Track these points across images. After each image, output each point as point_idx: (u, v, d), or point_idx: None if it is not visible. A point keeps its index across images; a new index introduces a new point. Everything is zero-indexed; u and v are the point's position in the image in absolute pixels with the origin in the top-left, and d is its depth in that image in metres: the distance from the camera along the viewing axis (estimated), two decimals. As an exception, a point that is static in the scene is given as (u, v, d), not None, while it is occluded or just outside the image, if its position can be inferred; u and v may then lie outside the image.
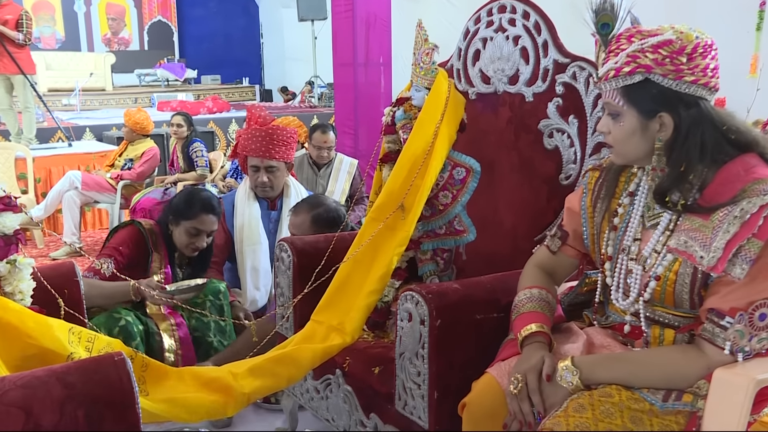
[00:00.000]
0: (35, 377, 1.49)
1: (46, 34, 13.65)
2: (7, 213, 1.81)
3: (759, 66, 5.46)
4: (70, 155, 7.08)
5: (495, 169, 2.50)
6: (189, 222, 3.08)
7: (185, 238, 3.11)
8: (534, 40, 2.32)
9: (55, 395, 1.45)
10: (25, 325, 1.74)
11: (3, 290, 1.83)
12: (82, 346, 1.80)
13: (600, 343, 1.73)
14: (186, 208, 3.12)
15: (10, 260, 1.84)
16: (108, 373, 1.52)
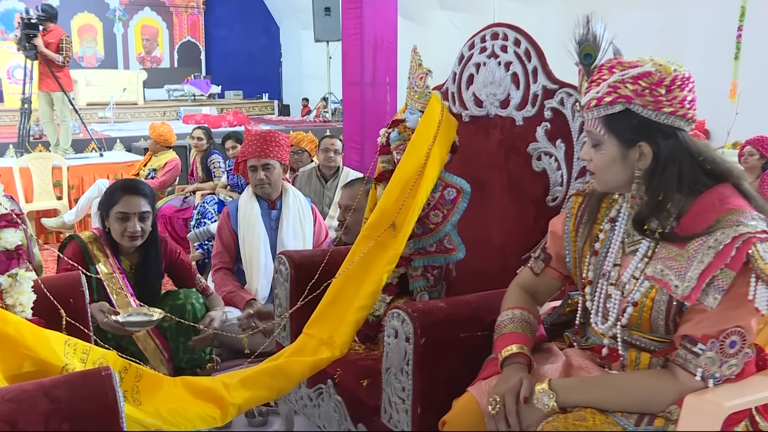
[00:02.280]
0: (23, 391, 1.42)
1: (88, 54, 13.73)
2: (8, 229, 1.74)
3: (737, 92, 5.39)
4: (101, 164, 7.07)
5: (486, 189, 2.41)
6: (114, 208, 2.77)
7: (116, 227, 2.77)
8: (524, 66, 2.23)
9: (40, 409, 1.39)
10: (23, 336, 1.67)
11: (4, 303, 1.75)
12: (77, 357, 1.73)
13: (578, 365, 1.63)
14: (109, 196, 2.83)
15: (12, 274, 1.76)
16: (94, 387, 1.44)
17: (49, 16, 7.40)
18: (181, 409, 1.81)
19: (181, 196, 6.10)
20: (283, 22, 14.99)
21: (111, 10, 13.81)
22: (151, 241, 2.87)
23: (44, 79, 7.33)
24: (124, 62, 14.01)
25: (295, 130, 8.06)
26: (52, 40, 7.28)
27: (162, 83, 13.22)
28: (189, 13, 14.64)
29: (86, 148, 7.91)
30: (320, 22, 10.24)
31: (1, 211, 1.72)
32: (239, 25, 14.72)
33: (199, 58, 14.81)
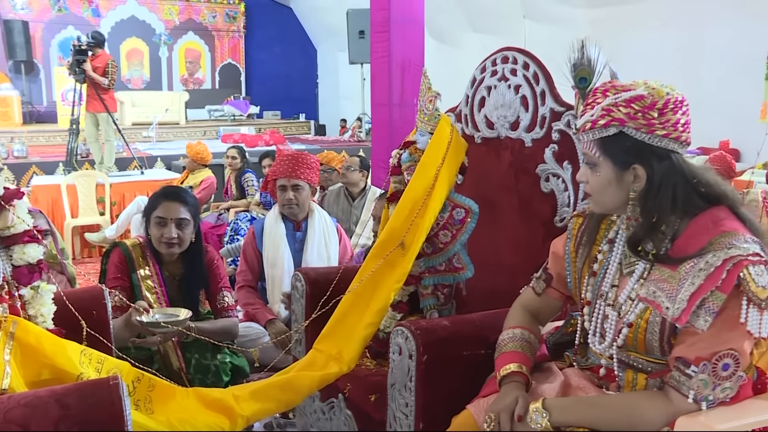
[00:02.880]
0: (36, 397, 1.47)
1: (135, 76, 14.07)
2: (31, 244, 1.79)
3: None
4: (141, 182, 7.19)
5: (497, 209, 2.40)
6: (154, 213, 2.67)
7: (154, 232, 2.67)
8: (533, 89, 2.22)
9: (51, 415, 1.43)
10: (42, 346, 1.71)
11: (27, 313, 1.80)
12: (92, 366, 1.76)
13: (576, 385, 1.61)
14: (151, 201, 2.74)
15: (34, 286, 1.81)
16: (102, 396, 1.48)
17: (97, 43, 7.64)
18: (191, 418, 1.83)
19: (215, 213, 6.19)
20: (320, 45, 15.17)
21: (157, 35, 14.14)
22: (195, 252, 2.75)
23: (91, 101, 7.56)
24: (168, 84, 14.31)
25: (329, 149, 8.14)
26: (100, 64, 7.51)
27: (203, 104, 13.46)
28: (230, 36, 14.91)
29: (129, 166, 8.08)
30: (355, 45, 10.31)
31: (24, 228, 1.76)
32: (278, 47, 14.93)
33: (239, 79, 15.05)
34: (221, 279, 2.84)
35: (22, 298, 1.79)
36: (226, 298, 2.82)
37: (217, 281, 2.83)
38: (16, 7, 12.68)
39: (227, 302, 2.81)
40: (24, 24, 12.41)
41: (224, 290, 2.82)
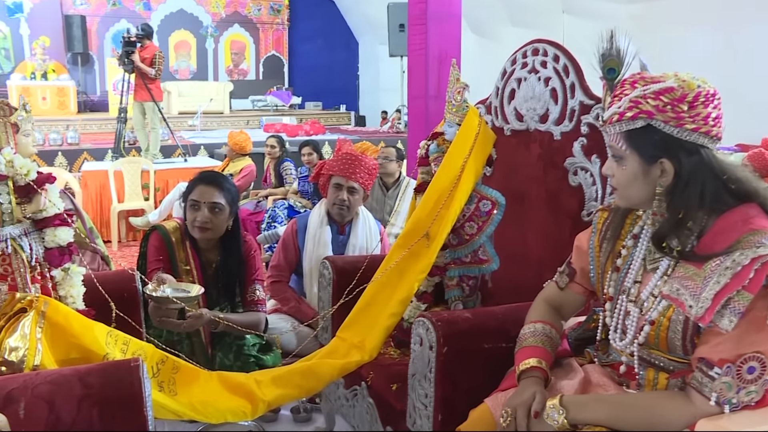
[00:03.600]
0: (61, 375, 1.48)
1: (182, 67, 14.20)
2: (62, 227, 1.79)
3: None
4: (184, 169, 7.25)
5: (525, 202, 2.34)
6: (190, 196, 2.61)
7: (188, 215, 2.60)
8: (563, 81, 2.15)
9: (75, 393, 1.45)
10: (71, 326, 1.72)
11: (58, 294, 1.80)
12: (118, 347, 1.76)
13: (596, 382, 1.55)
14: (189, 185, 2.67)
15: (64, 268, 1.81)
16: (122, 376, 1.48)
17: (146, 34, 7.74)
18: (213, 401, 1.82)
19: (254, 201, 6.21)
20: (361, 37, 15.11)
21: (204, 27, 14.25)
22: (231, 239, 2.68)
23: (138, 91, 7.66)
24: (214, 74, 14.42)
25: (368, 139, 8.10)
26: (147, 55, 7.60)
27: (247, 94, 13.52)
28: (274, 29, 14.95)
29: (173, 153, 8.15)
30: (394, 38, 10.23)
31: (55, 211, 1.77)
32: (321, 40, 14.92)
33: (282, 71, 15.08)
34: (256, 271, 2.77)
35: (53, 279, 1.80)
36: (257, 292, 2.75)
37: (252, 272, 2.75)
38: (75, 2, 12.94)
39: (258, 296, 2.74)
40: (82, 18, 12.65)
41: (257, 283, 2.75)
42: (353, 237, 3.40)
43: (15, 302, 1.64)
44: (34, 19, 12.44)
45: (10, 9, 12.29)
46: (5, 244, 1.71)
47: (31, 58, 11.90)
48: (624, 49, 1.56)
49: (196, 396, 1.81)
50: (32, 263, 1.75)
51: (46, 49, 11.80)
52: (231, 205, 2.63)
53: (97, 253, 3.20)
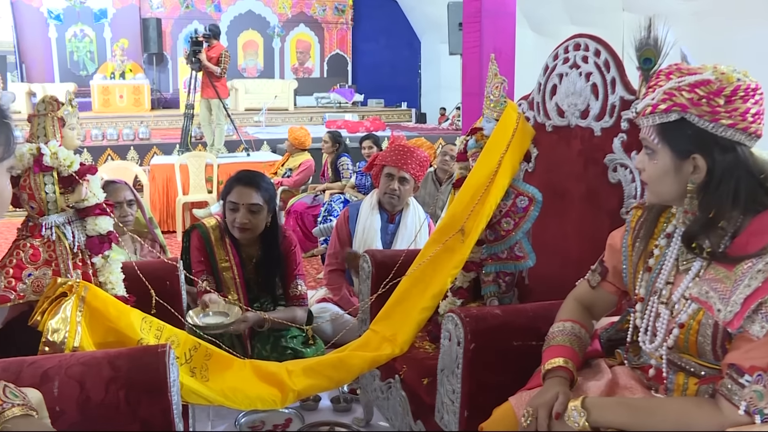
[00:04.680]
0: (93, 357, 1.51)
1: (250, 65, 14.46)
2: (102, 216, 1.82)
3: None
4: (246, 163, 7.33)
5: (565, 198, 2.25)
6: (228, 197, 2.60)
7: (228, 216, 2.60)
8: (603, 76, 2.05)
9: (104, 375, 1.47)
10: (108, 310, 1.75)
11: (98, 280, 1.84)
12: (152, 333, 1.78)
13: (624, 384, 1.47)
14: (227, 185, 2.65)
15: (105, 255, 1.85)
16: (149, 361, 1.49)
17: (213, 34, 7.89)
18: (244, 388, 1.83)
19: (311, 195, 6.24)
20: (423, 36, 15.03)
21: (271, 27, 14.46)
22: (271, 236, 2.68)
23: (205, 88, 7.83)
24: (280, 73, 14.62)
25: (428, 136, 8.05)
26: (214, 54, 7.76)
27: (312, 91, 13.66)
28: (339, 28, 15.04)
29: (237, 148, 8.29)
30: (454, 36, 10.09)
31: (96, 201, 1.80)
32: (384, 39, 14.92)
33: (346, 69, 15.17)
34: (297, 266, 2.77)
35: (94, 265, 1.84)
36: (299, 287, 2.75)
37: (293, 268, 2.76)
38: (152, 6, 13.43)
39: (300, 291, 2.74)
40: (158, 21, 13.09)
41: (298, 278, 2.75)
42: (402, 226, 3.41)
43: (57, 286, 1.68)
44: (116, 23, 13.00)
45: (96, 15, 12.92)
46: (50, 231, 1.75)
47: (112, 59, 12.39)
48: (662, 39, 1.46)
49: (228, 383, 1.81)
50: (74, 250, 1.79)
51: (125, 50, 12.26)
52: (269, 203, 2.63)
53: (155, 242, 3.26)
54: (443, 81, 13.53)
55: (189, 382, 1.73)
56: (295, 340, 2.66)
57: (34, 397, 1.31)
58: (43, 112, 1.79)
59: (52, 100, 1.81)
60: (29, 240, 1.77)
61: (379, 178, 3.41)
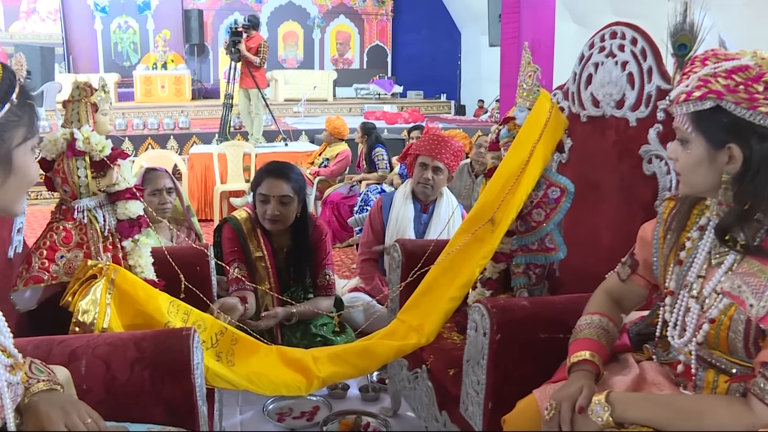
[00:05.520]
0: (119, 338, 1.53)
1: (290, 56, 14.55)
2: (132, 201, 1.85)
3: None
4: (284, 153, 7.40)
5: (599, 189, 2.21)
6: (258, 189, 2.63)
7: (259, 208, 2.63)
8: (640, 65, 2.00)
9: (129, 355, 1.50)
10: (137, 293, 1.78)
11: (127, 263, 1.87)
12: (179, 317, 1.80)
13: (651, 380, 1.43)
14: (257, 176, 2.68)
15: (134, 239, 1.88)
16: (174, 343, 1.51)
17: (252, 25, 7.95)
18: (269, 374, 1.84)
19: (348, 185, 6.26)
20: (464, 27, 14.92)
21: (311, 18, 14.52)
22: (301, 226, 2.70)
23: (244, 78, 7.91)
24: (320, 63, 14.68)
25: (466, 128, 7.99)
26: (253, 45, 7.83)
27: (351, 82, 13.69)
28: (379, 19, 15.01)
29: (276, 138, 8.35)
30: (494, 28, 10.01)
31: (126, 185, 1.82)
32: (424, 30, 14.85)
33: (385, 60, 15.15)
34: (326, 255, 2.80)
35: (124, 249, 1.86)
36: (328, 276, 2.78)
37: (323, 257, 2.79)
38: (195, -3, 13.62)
39: (328, 281, 2.77)
40: (199, 12, 13.27)
41: (327, 267, 2.78)
42: (435, 216, 3.40)
43: (87, 268, 1.71)
44: (159, 14, 13.23)
45: (140, 7, 13.18)
46: (82, 214, 1.78)
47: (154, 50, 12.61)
48: (699, 23, 1.41)
49: (253, 368, 1.83)
50: (105, 233, 1.82)
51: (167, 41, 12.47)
52: (298, 193, 2.65)
53: (191, 230, 3.31)
54: (483, 73, 13.42)
55: (214, 366, 1.75)
56: (324, 327, 2.68)
57: (62, 374, 1.34)
58: (77, 98, 1.82)
59: (86, 86, 1.84)
60: (62, 223, 1.81)
61: (413, 168, 3.40)
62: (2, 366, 1.10)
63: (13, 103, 1.04)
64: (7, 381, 1.10)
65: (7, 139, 1.05)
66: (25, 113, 1.08)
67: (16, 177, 1.08)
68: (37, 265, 1.76)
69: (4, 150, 1.04)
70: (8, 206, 1.11)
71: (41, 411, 1.12)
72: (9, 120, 1.04)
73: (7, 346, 1.15)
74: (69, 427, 1.10)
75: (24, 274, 1.76)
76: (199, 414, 1.50)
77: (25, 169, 1.09)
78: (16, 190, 1.10)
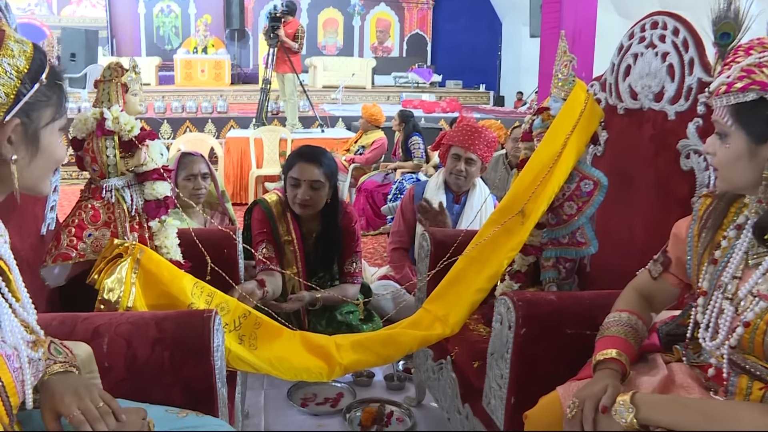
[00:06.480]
0: (141, 317, 1.54)
1: (329, 43, 14.55)
2: (160, 181, 1.85)
3: None
4: (320, 139, 7.41)
5: (634, 184, 2.15)
6: (289, 173, 2.59)
7: (289, 192, 2.59)
8: (681, 57, 1.93)
9: (150, 335, 1.50)
10: (162, 274, 1.78)
11: (153, 244, 1.88)
12: (202, 299, 1.81)
13: (680, 383, 1.37)
14: (288, 160, 2.64)
15: (161, 220, 1.88)
16: (195, 325, 1.51)
17: (290, 11, 7.99)
18: (291, 358, 1.83)
19: (383, 173, 6.24)
20: (505, 17, 14.71)
21: (351, 6, 14.49)
22: (331, 211, 2.68)
23: (280, 64, 7.93)
24: (359, 51, 14.65)
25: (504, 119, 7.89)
26: (291, 30, 7.86)
27: (390, 71, 13.63)
28: (419, 8, 14.90)
29: (312, 124, 8.36)
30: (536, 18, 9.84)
31: (154, 166, 1.83)
32: (465, 20, 14.69)
33: (425, 49, 15.04)
34: (355, 242, 2.78)
35: (150, 229, 1.87)
36: (354, 264, 2.75)
37: (351, 244, 2.77)
38: (235, -18, 13.66)
39: (354, 268, 2.75)
40: (240, -3, 13.33)
41: (355, 255, 2.76)
42: (468, 207, 3.36)
43: (113, 247, 1.72)
44: (200, -1, 13.28)
45: (183, -9, 13.25)
46: (110, 194, 1.80)
47: (195, 35, 12.72)
48: (744, 11, 1.34)
49: (276, 352, 1.82)
50: (132, 213, 1.83)
51: (208, 26, 12.57)
52: (330, 179, 2.62)
53: (225, 215, 3.33)
54: (523, 64, 13.23)
55: (237, 349, 1.75)
56: (351, 315, 2.67)
57: (84, 351, 1.35)
58: (108, 77, 1.83)
59: (117, 66, 1.85)
60: (90, 201, 1.83)
61: (446, 158, 3.35)
62: (24, 342, 1.11)
63: (43, 83, 1.04)
64: (29, 357, 1.11)
65: (35, 118, 1.05)
66: (54, 94, 1.08)
67: (42, 156, 1.08)
68: (65, 242, 1.78)
69: (31, 129, 1.05)
70: (35, 185, 1.11)
71: (56, 393, 1.13)
72: (38, 100, 1.04)
73: (30, 322, 1.16)
74: (82, 411, 1.10)
75: (53, 251, 1.78)
76: (218, 396, 1.50)
77: (52, 149, 1.10)
78: (43, 169, 1.10)
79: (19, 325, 1.10)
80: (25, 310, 1.16)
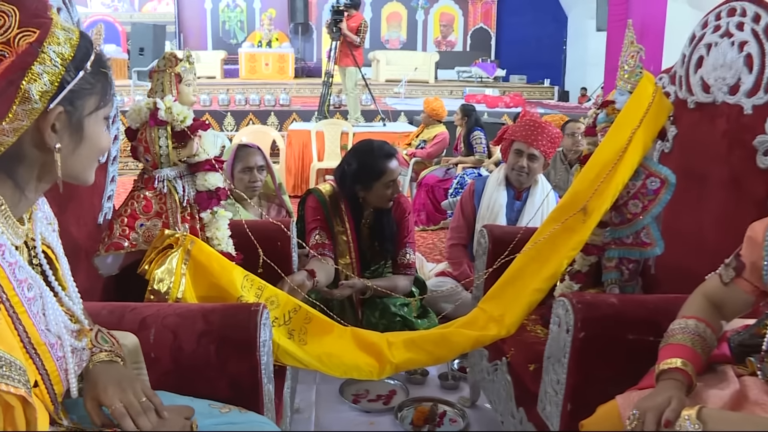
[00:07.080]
0: (188, 310, 1.53)
1: (393, 37, 14.53)
2: (212, 173, 1.84)
3: None
4: (381, 133, 7.37)
5: (704, 182, 2.02)
6: (384, 178, 2.59)
7: (385, 194, 2.61)
8: (762, 46, 1.79)
9: (196, 327, 1.49)
10: (212, 265, 1.78)
11: (205, 235, 1.87)
12: (252, 292, 1.79)
13: (755, 399, 1.26)
14: (372, 168, 2.59)
15: (213, 211, 1.87)
16: (241, 318, 1.50)
17: (353, 4, 7.98)
18: (341, 355, 1.80)
19: (444, 168, 6.16)
20: (571, 11, 14.34)
21: (415, 0, 14.40)
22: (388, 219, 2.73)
23: (343, 57, 7.93)
24: (423, 45, 14.59)
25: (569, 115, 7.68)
26: (354, 24, 7.84)
27: (453, 65, 13.52)
28: (483, 2, 14.71)
29: (374, 118, 8.34)
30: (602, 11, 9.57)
31: (206, 157, 1.82)
32: (530, 13, 14.42)
33: (489, 43, 14.85)
34: (408, 233, 2.76)
35: (202, 220, 1.86)
36: (408, 255, 2.74)
37: (404, 235, 2.75)
38: (301, -23, 13.79)
39: (408, 260, 2.73)
40: (305, -9, 13.46)
41: (408, 246, 2.74)
42: (529, 204, 3.27)
43: (164, 238, 1.72)
44: (265, -7, 13.47)
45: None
46: (162, 184, 1.79)
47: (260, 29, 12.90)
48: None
49: (325, 348, 1.79)
50: (183, 204, 1.82)
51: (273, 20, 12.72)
52: None
53: (282, 207, 3.33)
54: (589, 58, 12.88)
55: (286, 343, 1.72)
56: (405, 308, 2.63)
57: (131, 341, 1.34)
58: (162, 68, 1.83)
59: (171, 56, 1.84)
60: (143, 191, 1.83)
61: (508, 153, 3.27)
62: (69, 331, 1.10)
63: (87, 71, 1.02)
64: (72, 346, 1.10)
65: (79, 106, 1.03)
66: (99, 82, 1.06)
67: (86, 145, 1.07)
68: (118, 232, 1.79)
69: (75, 118, 1.03)
70: (80, 174, 1.09)
71: (99, 383, 1.12)
72: (82, 88, 1.02)
73: (75, 312, 1.16)
74: (124, 404, 1.09)
75: (106, 240, 1.80)
76: (263, 392, 1.47)
77: (96, 137, 1.08)
78: (87, 158, 1.09)
79: (63, 314, 1.10)
80: (71, 299, 1.15)
